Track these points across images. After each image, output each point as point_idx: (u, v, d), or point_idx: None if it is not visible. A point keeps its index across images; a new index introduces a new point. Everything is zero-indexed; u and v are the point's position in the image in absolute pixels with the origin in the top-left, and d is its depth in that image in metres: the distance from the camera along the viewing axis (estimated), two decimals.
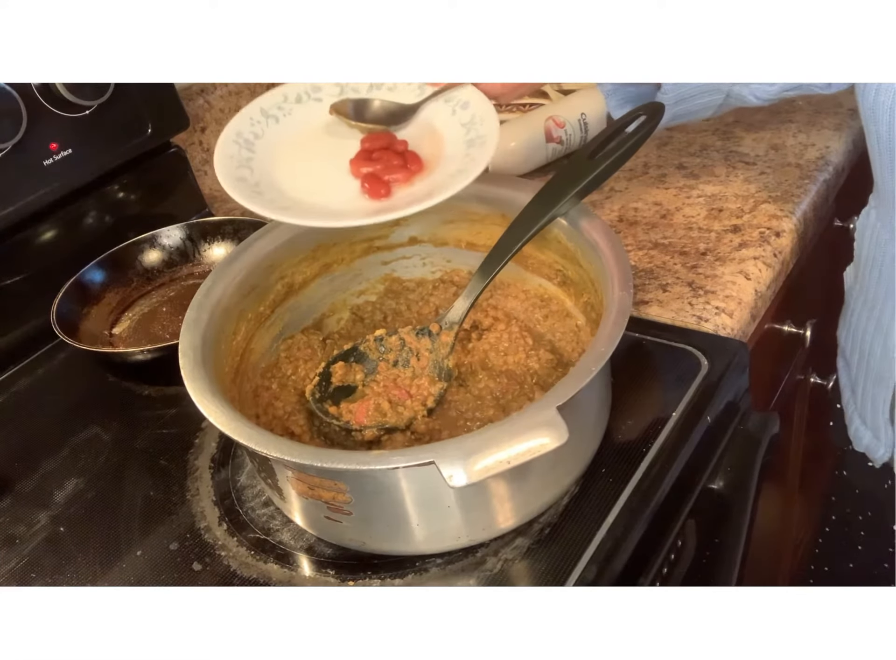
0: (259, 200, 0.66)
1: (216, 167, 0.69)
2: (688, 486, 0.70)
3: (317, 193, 0.68)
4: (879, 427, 0.81)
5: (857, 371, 0.83)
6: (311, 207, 0.67)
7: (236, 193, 0.66)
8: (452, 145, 0.70)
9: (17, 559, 0.71)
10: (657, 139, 1.12)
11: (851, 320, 0.82)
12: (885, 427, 0.80)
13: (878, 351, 0.77)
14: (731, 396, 0.76)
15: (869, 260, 0.79)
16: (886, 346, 0.76)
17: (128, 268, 1.01)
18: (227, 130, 0.72)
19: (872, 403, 0.81)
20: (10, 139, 0.87)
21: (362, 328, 0.82)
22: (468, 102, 0.71)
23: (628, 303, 0.61)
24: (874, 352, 0.78)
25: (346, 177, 0.69)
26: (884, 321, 0.76)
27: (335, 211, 0.66)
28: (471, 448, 0.53)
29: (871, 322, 0.78)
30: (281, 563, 0.66)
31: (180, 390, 0.63)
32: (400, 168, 0.67)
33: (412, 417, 0.69)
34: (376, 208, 0.66)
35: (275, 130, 0.73)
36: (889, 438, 0.81)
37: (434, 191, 0.65)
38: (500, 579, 0.62)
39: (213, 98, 1.23)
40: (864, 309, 0.79)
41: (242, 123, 0.73)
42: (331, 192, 0.68)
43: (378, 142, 0.70)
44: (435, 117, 0.72)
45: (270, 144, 0.72)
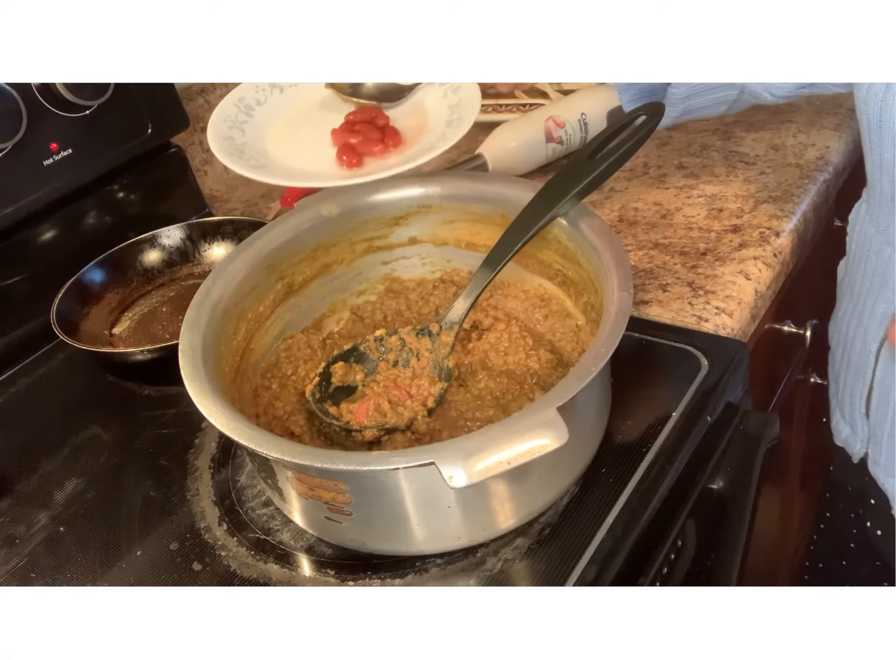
0: (238, 158, 0.70)
1: (209, 125, 0.72)
2: (688, 486, 0.70)
3: (296, 158, 0.72)
4: (856, 421, 0.81)
5: (839, 365, 0.83)
6: (284, 168, 0.70)
7: (219, 150, 0.70)
8: (434, 124, 0.72)
9: (17, 559, 0.71)
10: (657, 139, 1.12)
11: (838, 314, 0.82)
12: (861, 421, 0.80)
13: (858, 345, 0.78)
14: (731, 396, 0.76)
15: (857, 254, 0.79)
16: (866, 340, 0.76)
17: (128, 268, 1.01)
18: (229, 95, 0.76)
19: (850, 397, 0.81)
20: (10, 139, 0.87)
21: (362, 328, 0.82)
22: (459, 87, 0.74)
23: (628, 303, 0.61)
24: (854, 346, 0.78)
25: (327, 146, 0.72)
26: (865, 315, 0.76)
27: (305, 172, 0.70)
28: (471, 449, 0.53)
29: (855, 316, 0.78)
30: (281, 563, 0.66)
31: (180, 390, 0.63)
32: (377, 141, 0.71)
33: (412, 417, 0.69)
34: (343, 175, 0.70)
35: (277, 99, 0.77)
36: (864, 433, 0.81)
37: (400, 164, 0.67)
38: (500, 579, 0.62)
39: (213, 98, 1.23)
40: (850, 303, 0.79)
41: (247, 90, 0.76)
42: (310, 158, 0.71)
43: (361, 115, 0.73)
44: (426, 97, 0.75)
45: (269, 112, 0.76)
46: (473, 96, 0.72)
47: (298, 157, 0.72)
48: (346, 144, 0.70)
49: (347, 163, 0.69)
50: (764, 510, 1.06)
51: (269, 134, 0.74)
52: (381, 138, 0.71)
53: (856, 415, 0.81)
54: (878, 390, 0.76)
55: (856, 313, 0.78)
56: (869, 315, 0.76)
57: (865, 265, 0.76)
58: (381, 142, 0.71)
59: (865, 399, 0.78)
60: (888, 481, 0.78)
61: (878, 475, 0.79)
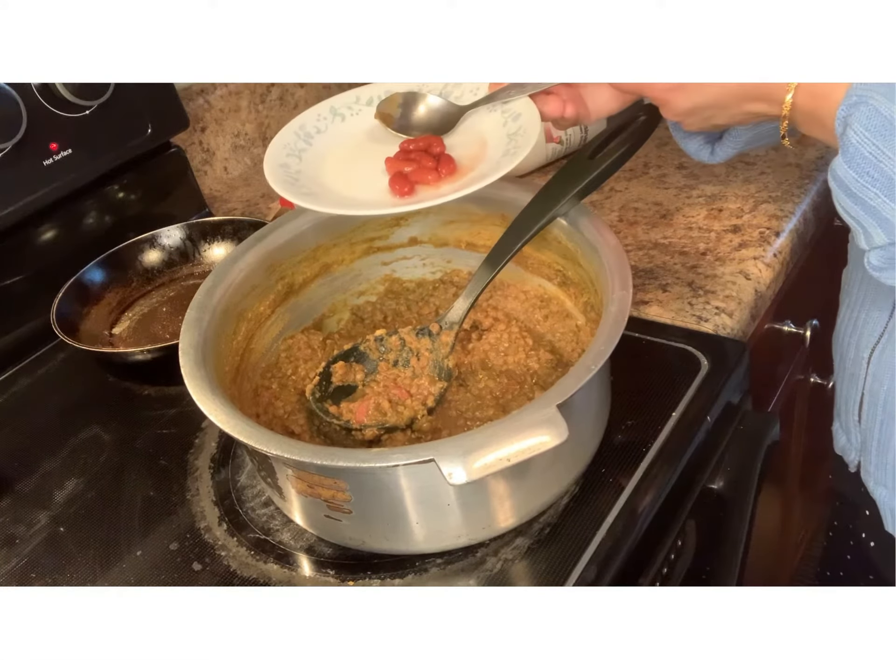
0: (290, 186, 0.69)
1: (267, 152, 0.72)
2: (688, 486, 0.70)
3: (349, 186, 0.71)
4: (850, 429, 0.81)
5: (837, 371, 0.83)
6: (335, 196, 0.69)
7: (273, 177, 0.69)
8: (492, 153, 0.71)
9: (17, 559, 0.71)
10: (657, 139, 1.12)
11: (837, 321, 0.82)
12: (855, 429, 0.80)
13: (852, 352, 0.77)
14: (731, 396, 0.76)
15: (855, 261, 0.79)
16: (859, 346, 0.76)
17: (128, 268, 1.01)
18: (291, 123, 0.75)
19: (846, 404, 0.81)
20: (10, 139, 0.87)
21: (362, 328, 0.82)
22: (520, 114, 0.72)
23: (628, 303, 0.61)
24: (849, 353, 0.78)
25: (381, 174, 0.71)
26: (860, 321, 0.76)
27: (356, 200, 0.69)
28: (471, 446, 0.53)
29: (850, 323, 0.78)
30: (281, 563, 0.66)
31: (180, 390, 0.63)
32: (430, 170, 0.69)
33: (412, 416, 0.69)
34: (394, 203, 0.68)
35: (339, 128, 0.76)
36: (857, 441, 0.80)
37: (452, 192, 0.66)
38: (499, 579, 0.62)
39: (213, 98, 1.23)
40: (847, 310, 0.79)
41: (309, 117, 0.76)
42: (363, 186, 0.70)
43: (417, 143, 0.72)
44: (483, 124, 0.74)
45: (329, 140, 0.75)
46: (533, 124, 0.70)
47: (352, 184, 0.71)
48: (399, 173, 0.69)
49: (399, 191, 0.67)
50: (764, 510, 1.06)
51: (326, 162, 0.73)
52: (434, 167, 0.69)
53: (850, 422, 0.81)
54: (868, 397, 0.76)
55: (851, 320, 0.78)
56: (863, 322, 0.76)
57: (863, 273, 0.76)
58: (435, 170, 0.69)
59: (858, 406, 0.78)
60: (878, 490, 0.78)
61: (869, 484, 0.79)
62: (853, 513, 0.87)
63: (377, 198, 0.69)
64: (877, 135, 0.53)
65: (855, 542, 0.89)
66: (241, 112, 1.28)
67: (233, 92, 1.25)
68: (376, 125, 0.76)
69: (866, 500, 0.81)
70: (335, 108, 0.77)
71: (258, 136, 1.31)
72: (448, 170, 0.69)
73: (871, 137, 0.53)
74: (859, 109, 0.54)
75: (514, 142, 0.69)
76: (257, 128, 1.31)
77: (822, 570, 1.04)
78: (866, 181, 0.54)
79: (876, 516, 0.79)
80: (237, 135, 1.28)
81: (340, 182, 0.71)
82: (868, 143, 0.53)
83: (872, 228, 0.56)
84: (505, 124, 0.72)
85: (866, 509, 0.82)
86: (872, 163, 0.53)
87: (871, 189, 0.54)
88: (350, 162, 0.73)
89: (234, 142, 1.27)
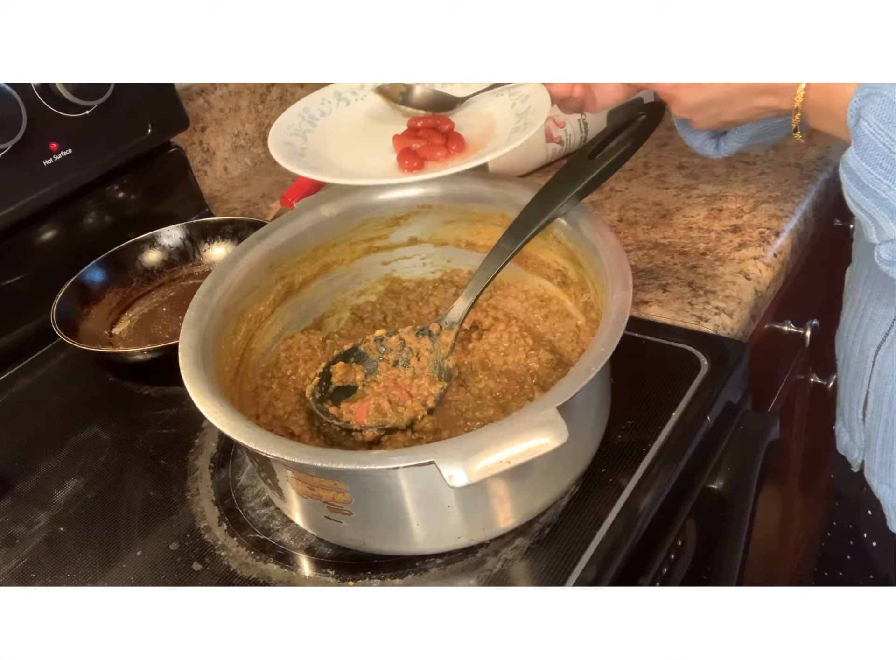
0: (296, 161, 0.70)
1: (271, 132, 0.73)
2: (688, 486, 0.71)
3: (356, 162, 0.72)
4: (854, 428, 0.81)
5: (841, 371, 0.83)
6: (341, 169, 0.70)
7: (277, 153, 0.70)
8: (501, 131, 0.71)
9: (17, 559, 0.71)
10: (657, 139, 1.12)
11: (841, 319, 0.82)
12: (859, 428, 0.80)
13: (857, 351, 0.77)
14: (731, 396, 0.76)
15: (860, 259, 0.79)
16: (864, 345, 0.76)
17: (128, 268, 1.01)
18: (295, 105, 0.77)
19: (850, 403, 0.81)
20: (10, 139, 0.87)
21: (362, 328, 0.82)
22: (529, 95, 0.74)
23: (628, 303, 0.61)
24: (853, 351, 0.78)
25: (388, 152, 0.72)
26: (865, 320, 0.76)
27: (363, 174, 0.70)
28: (471, 448, 0.53)
29: (855, 321, 0.78)
30: (281, 563, 0.66)
31: (180, 390, 0.63)
32: (440, 147, 0.70)
33: (412, 417, 0.69)
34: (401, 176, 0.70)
35: (343, 112, 0.77)
36: (861, 440, 0.80)
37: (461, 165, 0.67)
38: (499, 579, 0.62)
39: (213, 98, 1.23)
40: (852, 308, 0.79)
41: (313, 101, 0.77)
42: (370, 162, 0.71)
43: (425, 121, 0.73)
44: (490, 106, 0.75)
45: (334, 122, 0.76)
46: (542, 102, 0.71)
47: (358, 161, 0.72)
48: (408, 149, 0.70)
49: (408, 166, 0.68)
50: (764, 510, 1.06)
51: (332, 142, 0.74)
52: (444, 144, 0.70)
53: (854, 421, 0.80)
54: (873, 395, 0.76)
55: (856, 319, 0.78)
56: (868, 320, 0.76)
57: (869, 270, 0.76)
58: (444, 147, 0.70)
59: (863, 405, 0.78)
60: (881, 489, 0.78)
61: (873, 483, 0.79)
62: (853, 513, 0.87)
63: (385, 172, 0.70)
64: (890, 125, 0.52)
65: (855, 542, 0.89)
66: (241, 112, 1.28)
67: (233, 92, 1.25)
68: (382, 107, 0.76)
69: (868, 499, 0.81)
70: (339, 93, 0.78)
71: (258, 136, 1.31)
72: (458, 147, 0.69)
73: (885, 128, 0.53)
74: (873, 100, 0.53)
75: (524, 119, 0.70)
76: (257, 128, 1.31)
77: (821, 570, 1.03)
78: (879, 173, 0.54)
79: (878, 515, 0.79)
80: (237, 135, 1.28)
81: (347, 159, 0.71)
82: (882, 134, 0.53)
83: (884, 221, 0.55)
84: (513, 106, 0.73)
85: (868, 508, 0.82)
86: (885, 154, 0.53)
87: (883, 181, 0.54)
88: (356, 141, 0.74)
89: (234, 142, 1.27)
